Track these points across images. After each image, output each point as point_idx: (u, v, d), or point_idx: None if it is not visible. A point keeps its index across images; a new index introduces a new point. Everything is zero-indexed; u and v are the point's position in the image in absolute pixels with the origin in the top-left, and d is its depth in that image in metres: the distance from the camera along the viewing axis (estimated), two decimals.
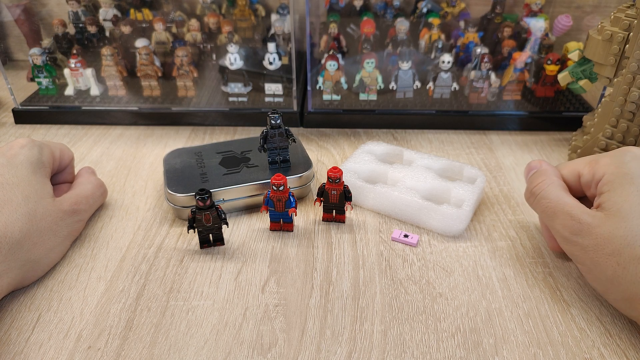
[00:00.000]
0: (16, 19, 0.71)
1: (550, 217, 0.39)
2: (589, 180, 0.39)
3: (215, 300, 0.40)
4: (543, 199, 0.40)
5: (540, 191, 0.40)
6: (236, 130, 0.65)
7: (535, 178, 0.42)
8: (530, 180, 0.42)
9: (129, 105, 0.66)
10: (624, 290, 0.35)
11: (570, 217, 0.37)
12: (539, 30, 0.65)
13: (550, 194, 0.39)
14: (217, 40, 0.69)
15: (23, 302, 0.40)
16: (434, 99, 0.65)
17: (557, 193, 0.39)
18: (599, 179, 0.38)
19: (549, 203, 0.39)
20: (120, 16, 0.70)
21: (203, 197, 0.41)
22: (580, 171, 0.40)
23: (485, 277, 0.42)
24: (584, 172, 0.40)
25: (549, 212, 0.39)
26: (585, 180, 0.40)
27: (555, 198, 0.39)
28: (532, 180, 0.42)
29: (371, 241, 0.46)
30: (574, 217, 0.37)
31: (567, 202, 0.38)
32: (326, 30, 0.68)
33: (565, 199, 0.38)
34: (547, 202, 0.39)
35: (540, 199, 0.40)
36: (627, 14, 0.49)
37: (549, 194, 0.39)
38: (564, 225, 0.37)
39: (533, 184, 0.41)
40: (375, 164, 0.52)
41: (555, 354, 0.36)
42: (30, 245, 0.39)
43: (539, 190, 0.40)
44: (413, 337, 0.37)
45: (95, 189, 0.48)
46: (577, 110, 0.65)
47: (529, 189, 0.42)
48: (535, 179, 0.42)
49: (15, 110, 0.66)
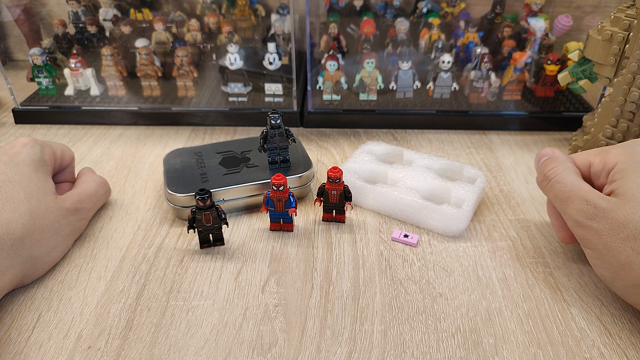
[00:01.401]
0: (16, 19, 0.71)
1: (564, 202, 0.39)
2: (600, 169, 0.40)
3: (215, 300, 0.40)
4: (557, 182, 0.40)
5: (554, 175, 0.40)
6: (236, 130, 0.65)
7: (549, 163, 0.42)
8: (544, 165, 0.42)
9: (129, 105, 0.66)
10: (636, 276, 0.35)
11: (586, 202, 0.37)
12: (539, 30, 0.65)
13: (565, 179, 0.40)
14: (217, 40, 0.69)
15: (23, 302, 0.40)
16: (434, 99, 0.65)
17: (572, 178, 0.40)
18: (610, 168, 0.39)
19: (563, 187, 0.39)
20: (120, 16, 0.70)
21: (203, 197, 0.41)
22: (591, 161, 0.41)
23: (485, 277, 0.42)
24: (594, 161, 0.41)
25: (562, 197, 0.39)
26: (595, 170, 0.40)
27: (570, 182, 0.39)
28: (546, 165, 0.42)
29: (371, 241, 0.46)
30: (590, 202, 0.37)
31: (582, 187, 0.39)
32: (326, 30, 0.68)
33: (580, 184, 0.39)
34: (561, 186, 0.40)
35: (554, 183, 0.40)
36: (627, 14, 0.49)
37: (563, 179, 0.40)
38: (579, 210, 0.38)
39: (547, 167, 0.42)
40: (375, 164, 0.52)
41: (555, 354, 0.36)
42: (32, 243, 0.39)
43: (553, 174, 0.41)
44: (413, 337, 0.37)
45: (98, 187, 0.48)
46: (577, 110, 0.65)
47: (543, 172, 0.42)
48: (549, 164, 0.42)
49: (15, 110, 0.66)
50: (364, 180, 0.50)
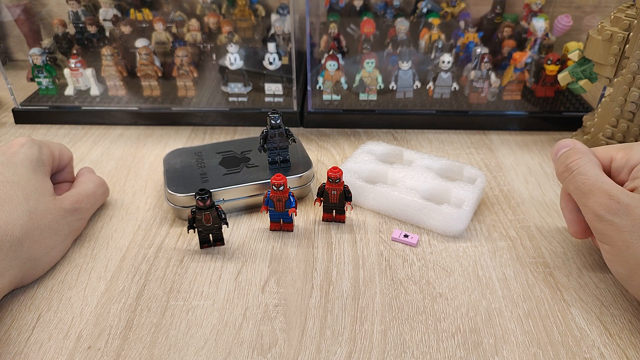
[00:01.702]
0: (16, 19, 0.71)
1: (585, 194, 0.38)
2: (622, 165, 0.40)
3: (215, 300, 0.40)
4: (580, 174, 0.39)
5: (577, 167, 0.40)
6: (236, 130, 0.65)
7: (572, 154, 0.41)
8: (566, 156, 0.41)
9: (129, 105, 0.66)
10: None
11: (609, 196, 0.37)
12: (539, 30, 0.65)
13: (588, 171, 0.39)
14: (217, 40, 0.69)
15: (23, 302, 0.40)
16: (434, 99, 0.65)
17: (595, 171, 0.39)
18: (633, 165, 0.39)
19: (586, 180, 0.39)
20: (120, 16, 0.70)
21: (203, 197, 0.41)
22: (613, 156, 0.41)
23: (485, 277, 0.42)
24: (617, 156, 0.40)
25: (584, 189, 0.39)
26: (617, 165, 0.40)
27: (593, 175, 0.39)
28: (569, 156, 0.41)
29: (371, 241, 0.46)
30: (613, 197, 0.36)
31: (605, 180, 0.38)
32: (326, 30, 0.68)
33: (604, 178, 0.38)
34: (584, 178, 0.39)
35: (576, 175, 0.40)
36: (627, 14, 0.49)
37: (587, 171, 0.39)
38: (600, 204, 0.37)
39: (570, 159, 0.41)
40: (375, 164, 0.52)
41: (555, 354, 0.36)
42: (31, 243, 0.39)
43: (576, 165, 0.40)
44: (413, 337, 0.37)
45: (97, 188, 0.48)
46: (577, 110, 0.65)
47: (565, 163, 0.41)
48: (572, 155, 0.41)
49: (15, 110, 0.66)
50: (364, 180, 0.50)
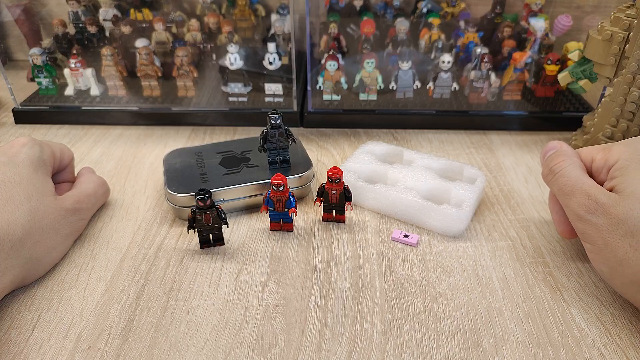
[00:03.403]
0: (16, 19, 0.71)
1: (567, 195, 0.39)
2: (601, 165, 0.40)
3: (215, 300, 0.40)
4: (562, 177, 0.40)
5: (560, 169, 0.41)
6: (236, 130, 0.65)
7: (556, 157, 0.42)
8: (550, 159, 0.43)
9: (129, 105, 0.66)
10: (633, 273, 0.35)
11: (587, 196, 0.38)
12: (539, 30, 0.65)
13: (569, 173, 0.40)
14: (217, 40, 0.69)
15: (23, 302, 0.40)
16: (434, 99, 0.65)
17: (576, 172, 0.40)
18: (611, 165, 0.39)
19: (567, 181, 0.40)
20: (120, 16, 0.70)
21: (203, 197, 0.41)
22: (594, 156, 0.41)
23: (485, 277, 0.42)
24: (597, 157, 0.41)
25: (566, 190, 0.40)
26: (597, 166, 0.41)
27: (574, 177, 0.40)
28: (552, 159, 0.42)
29: (371, 241, 0.46)
30: (591, 196, 0.37)
31: (585, 181, 0.39)
32: (326, 30, 0.68)
33: (584, 179, 0.39)
34: (565, 180, 0.40)
35: (559, 177, 0.41)
36: (627, 14, 0.49)
37: (568, 173, 0.40)
38: (580, 204, 0.38)
39: (553, 162, 0.42)
40: (375, 164, 0.52)
41: (555, 354, 0.36)
42: (32, 243, 0.39)
43: (559, 168, 0.41)
44: (413, 337, 0.37)
45: (97, 188, 0.48)
46: (577, 110, 0.65)
47: (548, 166, 0.42)
48: (555, 158, 0.42)
49: (15, 110, 0.66)
50: (364, 180, 0.50)
